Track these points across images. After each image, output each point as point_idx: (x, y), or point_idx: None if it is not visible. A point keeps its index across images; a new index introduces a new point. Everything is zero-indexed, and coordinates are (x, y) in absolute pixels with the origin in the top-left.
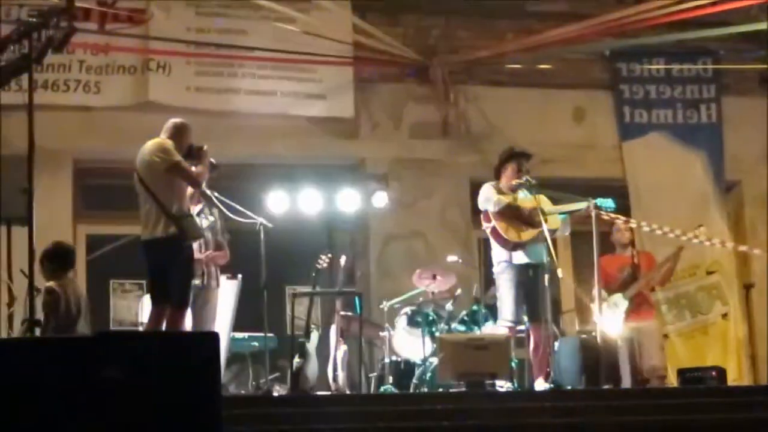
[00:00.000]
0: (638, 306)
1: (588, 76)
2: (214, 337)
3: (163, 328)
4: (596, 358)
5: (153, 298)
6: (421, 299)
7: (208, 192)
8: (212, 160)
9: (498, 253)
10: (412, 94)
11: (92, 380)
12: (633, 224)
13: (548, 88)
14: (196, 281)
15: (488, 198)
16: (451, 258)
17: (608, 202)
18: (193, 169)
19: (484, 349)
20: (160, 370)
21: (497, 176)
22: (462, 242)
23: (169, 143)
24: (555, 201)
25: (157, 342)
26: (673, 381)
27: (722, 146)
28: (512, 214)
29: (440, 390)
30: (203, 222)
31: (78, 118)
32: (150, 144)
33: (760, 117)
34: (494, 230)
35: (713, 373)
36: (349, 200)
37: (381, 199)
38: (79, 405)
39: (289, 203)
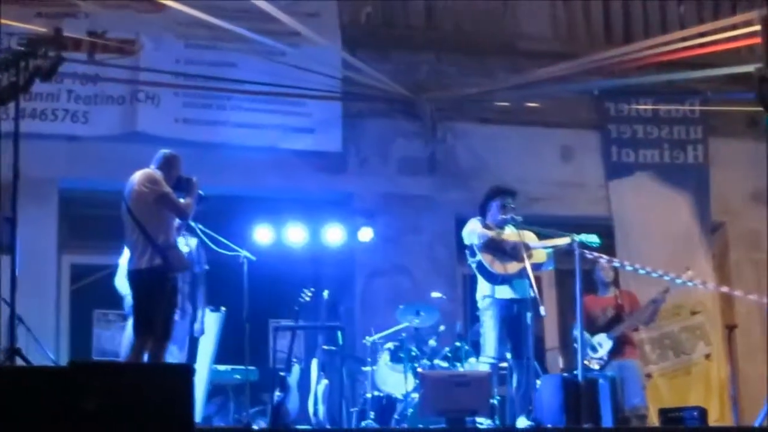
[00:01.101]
0: (621, 345)
1: (576, 115)
2: (189, 370)
3: (145, 359)
4: (577, 397)
5: (136, 330)
6: (404, 335)
7: (193, 224)
8: (201, 192)
9: (483, 287)
10: (401, 130)
11: (66, 410)
12: (616, 263)
13: (536, 126)
14: None
15: (473, 231)
16: (436, 294)
17: (592, 238)
18: (182, 200)
19: (465, 385)
20: (134, 402)
21: (482, 213)
22: (447, 278)
23: (159, 174)
24: (540, 237)
25: (131, 373)
26: (654, 420)
27: (708, 187)
28: (497, 248)
29: (420, 426)
30: None
31: (65, 147)
32: (139, 174)
33: (746, 159)
34: (480, 264)
35: (695, 413)
36: (335, 234)
37: (367, 233)
38: None
39: (275, 236)
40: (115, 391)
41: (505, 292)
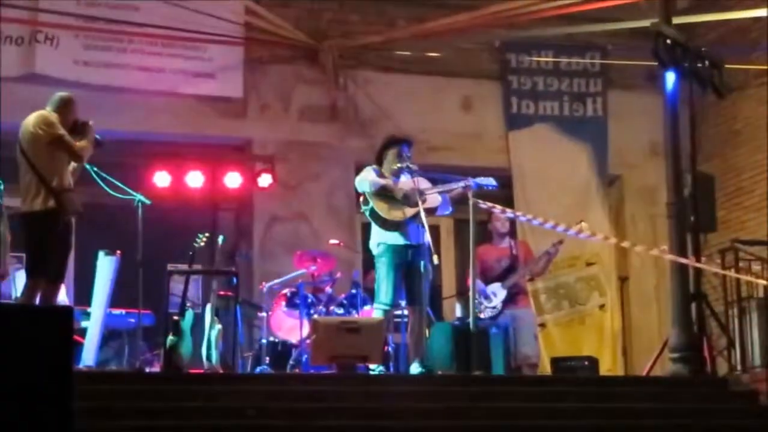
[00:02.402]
0: (515, 295)
1: (477, 66)
2: (68, 312)
3: (37, 302)
4: (467, 345)
5: (29, 272)
6: (300, 282)
7: (88, 167)
8: (97, 136)
9: (376, 234)
10: (302, 77)
11: None
12: (509, 214)
13: (438, 76)
14: None
15: (364, 178)
16: (333, 241)
17: (489, 180)
18: (77, 143)
19: (356, 332)
20: (9, 344)
21: (378, 162)
22: (346, 226)
23: (54, 116)
24: (435, 182)
25: (4, 315)
26: (547, 369)
27: (607, 140)
28: (389, 196)
29: (312, 372)
30: None
31: None
32: (34, 116)
33: (645, 112)
34: (373, 211)
35: (586, 362)
36: (234, 180)
37: (266, 180)
38: None
39: (173, 181)
40: None
41: (398, 238)
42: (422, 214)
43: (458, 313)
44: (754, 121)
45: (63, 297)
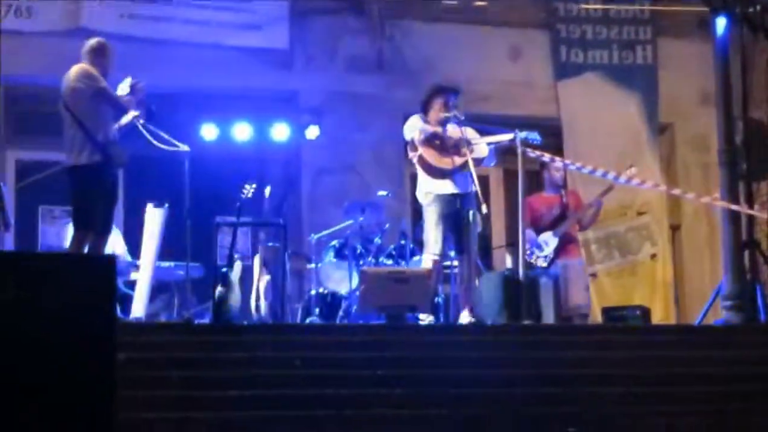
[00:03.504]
0: (566, 244)
1: (525, 15)
2: (112, 260)
3: None
4: (518, 295)
5: (76, 225)
6: (349, 233)
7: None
8: (152, 107)
9: (424, 183)
10: (348, 28)
11: None
12: (559, 162)
13: (485, 26)
14: None
15: (413, 126)
16: (381, 192)
17: (534, 135)
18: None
19: (404, 282)
20: (54, 293)
21: (424, 110)
22: (394, 177)
23: (93, 70)
24: (482, 134)
25: (50, 264)
26: (598, 319)
27: (657, 88)
28: (438, 143)
29: (361, 322)
30: None
31: (8, 42)
32: (74, 70)
33: (695, 60)
34: (421, 158)
35: (637, 312)
36: (281, 132)
37: (313, 131)
38: None
39: (220, 134)
40: (33, 281)
41: (446, 186)
42: (471, 163)
43: (508, 263)
44: None
45: (121, 250)
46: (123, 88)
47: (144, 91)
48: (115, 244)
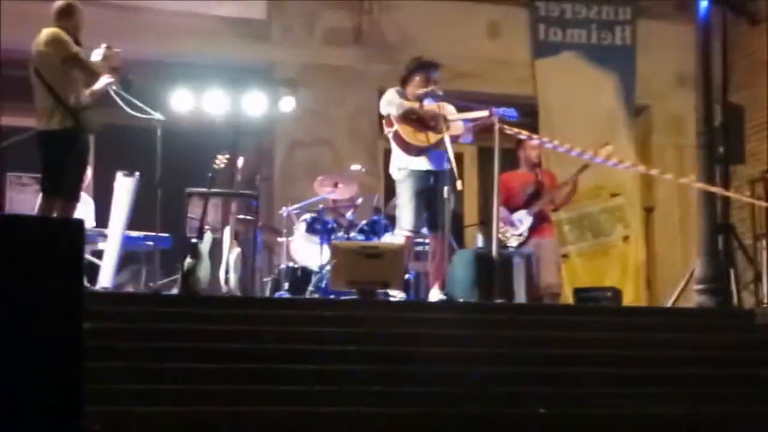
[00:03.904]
0: (540, 223)
1: None
2: (80, 225)
3: None
4: (490, 272)
5: (44, 190)
6: (321, 207)
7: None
8: (130, 75)
9: (399, 159)
10: (326, 1)
11: None
12: (536, 140)
13: (463, 1)
14: None
15: (390, 101)
16: (355, 167)
17: (510, 112)
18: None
19: (377, 257)
20: (20, 254)
21: (403, 84)
22: (368, 152)
23: (63, 34)
24: (459, 110)
25: (19, 225)
26: (569, 300)
27: (634, 69)
28: (415, 119)
29: (332, 297)
30: None
31: None
32: (44, 34)
33: (674, 42)
34: (397, 134)
35: (608, 293)
36: (256, 103)
37: (289, 104)
38: None
39: (194, 103)
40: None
41: (421, 163)
42: (447, 140)
43: (480, 242)
44: None
45: (91, 219)
46: (96, 54)
47: (118, 58)
48: (86, 213)
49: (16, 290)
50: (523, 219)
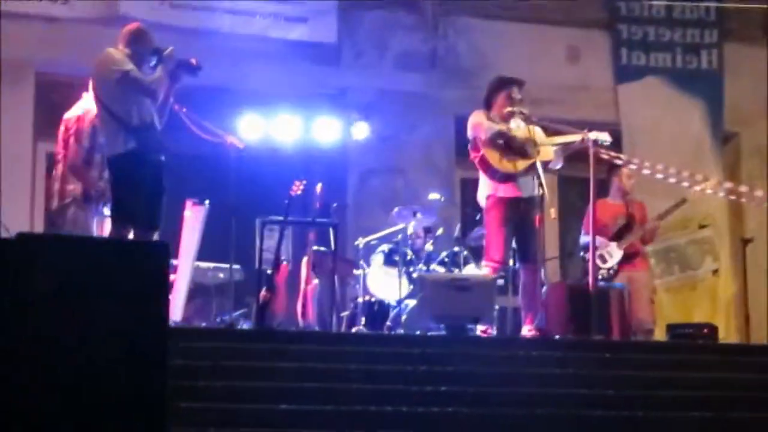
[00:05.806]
0: (632, 256)
1: (584, 14)
2: (165, 248)
3: None
4: (587, 307)
5: (114, 219)
6: (399, 237)
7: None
8: (192, 60)
9: (485, 185)
10: (400, 23)
11: (14, 287)
12: (634, 165)
13: (542, 24)
14: None
15: (478, 124)
16: (433, 195)
17: (604, 136)
18: (148, 78)
19: (467, 290)
20: (96, 281)
21: (487, 106)
22: (443, 181)
23: (118, 53)
24: (548, 133)
25: (92, 249)
26: (660, 336)
27: (722, 95)
28: (504, 143)
29: (418, 333)
30: None
31: (43, 28)
32: (99, 56)
33: (763, 66)
34: (483, 159)
35: (705, 330)
36: (327, 130)
37: (362, 130)
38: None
39: (264, 130)
40: (72, 268)
41: (510, 190)
42: (538, 165)
43: (559, 276)
44: None
45: None
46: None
47: (174, 59)
48: None
49: (98, 319)
50: (613, 252)
